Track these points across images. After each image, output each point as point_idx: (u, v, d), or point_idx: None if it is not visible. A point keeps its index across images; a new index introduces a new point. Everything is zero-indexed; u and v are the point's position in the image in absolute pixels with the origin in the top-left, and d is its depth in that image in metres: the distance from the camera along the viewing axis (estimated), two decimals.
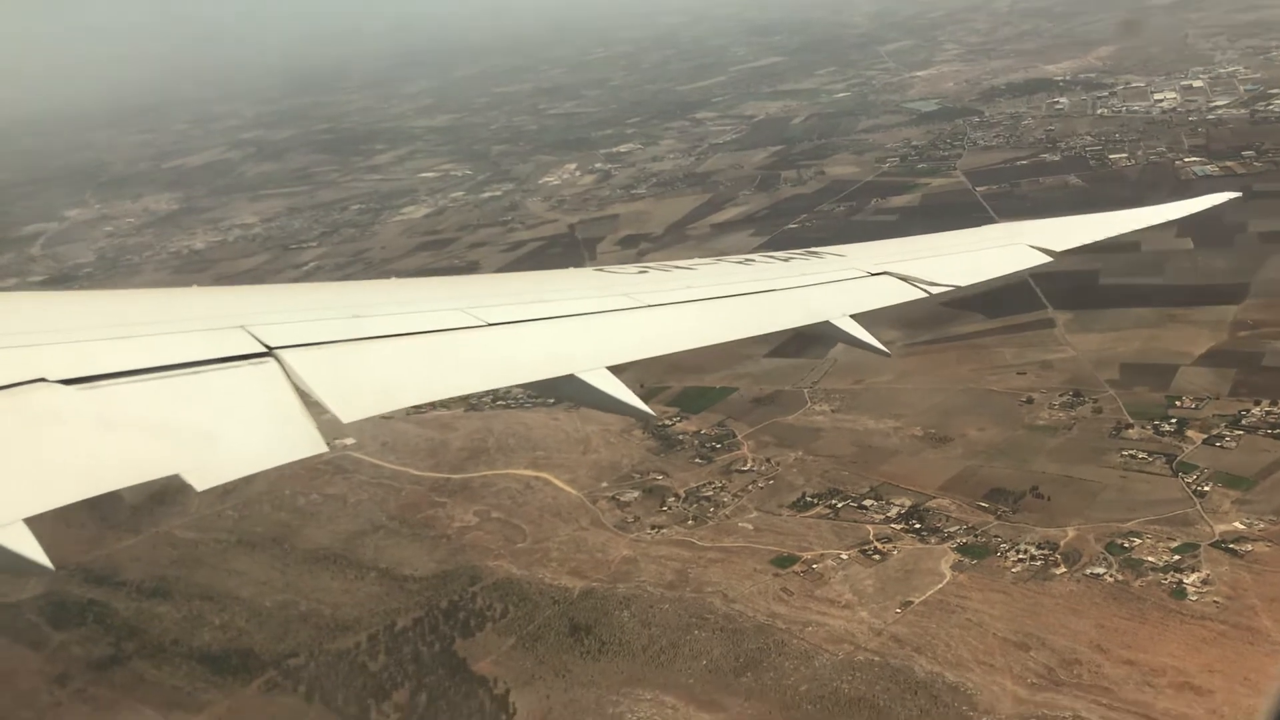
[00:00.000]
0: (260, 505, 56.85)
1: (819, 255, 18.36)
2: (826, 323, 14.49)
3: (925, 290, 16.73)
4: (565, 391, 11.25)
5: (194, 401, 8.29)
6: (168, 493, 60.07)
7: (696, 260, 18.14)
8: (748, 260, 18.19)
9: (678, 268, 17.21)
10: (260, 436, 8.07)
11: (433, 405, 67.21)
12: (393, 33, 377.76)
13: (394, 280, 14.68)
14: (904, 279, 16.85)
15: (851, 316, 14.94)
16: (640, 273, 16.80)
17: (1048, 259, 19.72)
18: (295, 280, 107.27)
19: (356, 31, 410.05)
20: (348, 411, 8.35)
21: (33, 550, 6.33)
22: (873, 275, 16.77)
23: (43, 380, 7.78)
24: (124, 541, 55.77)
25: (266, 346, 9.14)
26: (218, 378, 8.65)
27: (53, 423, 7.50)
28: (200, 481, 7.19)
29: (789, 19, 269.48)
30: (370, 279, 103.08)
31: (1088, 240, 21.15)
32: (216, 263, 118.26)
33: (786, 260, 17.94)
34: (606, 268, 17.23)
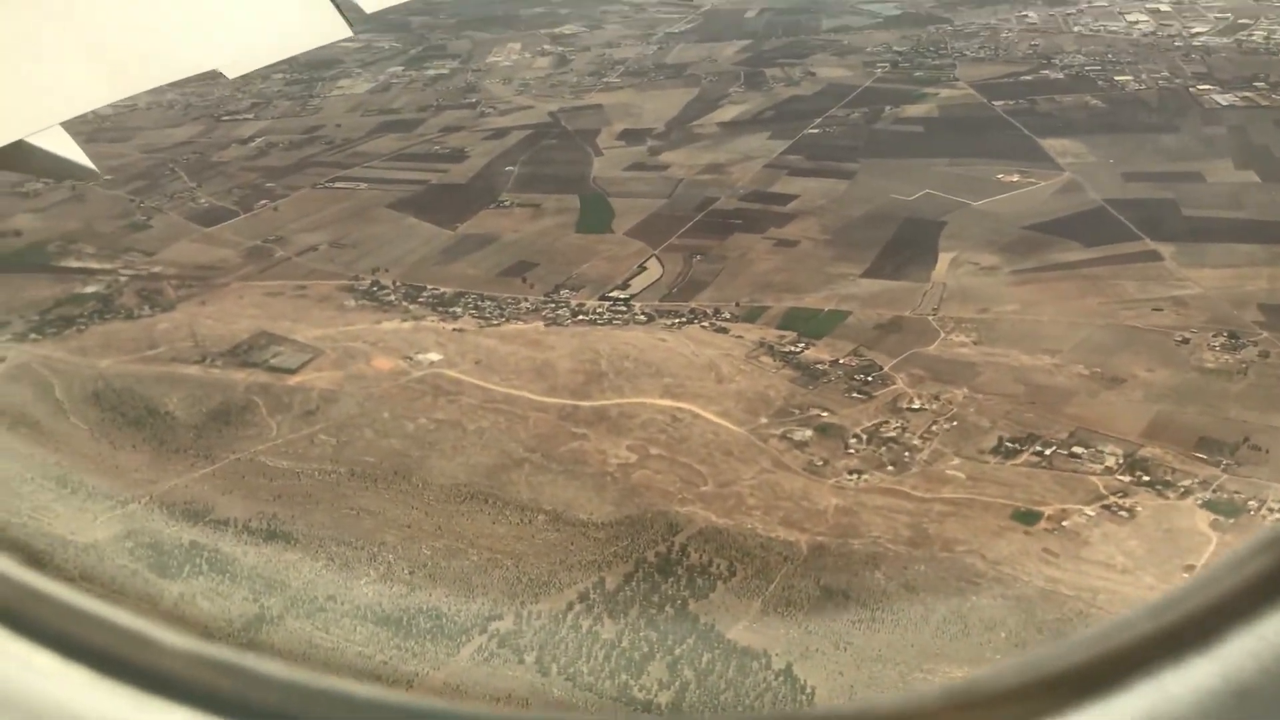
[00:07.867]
0: (359, 430, 49.83)
1: None
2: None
3: None
4: None
5: None
6: (232, 410, 52.32)
7: None
8: None
9: None
10: (279, 22, 7.62)
11: (502, 315, 60.70)
12: None
13: None
14: None
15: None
16: None
17: None
18: (245, 156, 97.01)
19: None
20: None
21: (74, 153, 6.21)
22: None
23: None
24: (198, 469, 48.01)
25: None
26: None
27: (68, 22, 6.90)
28: (231, 70, 6.97)
29: None
30: (336, 159, 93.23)
31: None
32: (140, 130, 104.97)
33: None
34: None
